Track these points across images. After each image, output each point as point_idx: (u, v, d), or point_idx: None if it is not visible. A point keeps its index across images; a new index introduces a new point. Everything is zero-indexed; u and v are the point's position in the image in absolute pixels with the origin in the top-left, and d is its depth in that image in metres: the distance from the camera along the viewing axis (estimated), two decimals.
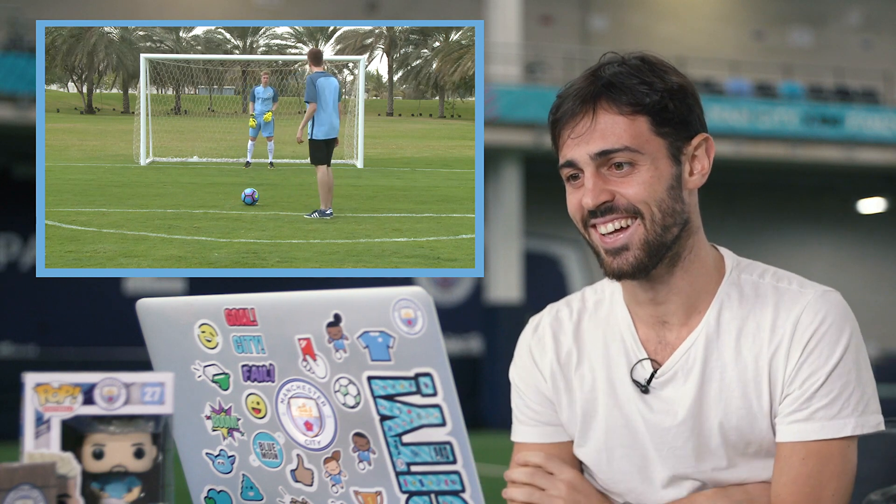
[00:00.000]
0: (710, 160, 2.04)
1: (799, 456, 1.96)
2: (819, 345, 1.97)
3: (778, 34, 27.37)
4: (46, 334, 21.61)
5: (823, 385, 1.96)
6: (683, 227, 2.01)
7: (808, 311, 1.98)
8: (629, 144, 1.96)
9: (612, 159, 1.96)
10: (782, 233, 26.67)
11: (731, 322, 2.02)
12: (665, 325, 2.05)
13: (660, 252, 1.99)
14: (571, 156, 1.99)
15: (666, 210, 1.98)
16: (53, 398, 1.49)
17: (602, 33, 26.10)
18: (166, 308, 1.70)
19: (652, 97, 1.97)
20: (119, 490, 1.49)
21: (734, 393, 2.00)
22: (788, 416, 1.98)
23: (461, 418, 1.49)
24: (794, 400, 1.97)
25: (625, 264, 1.98)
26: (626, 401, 2.06)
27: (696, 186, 2.03)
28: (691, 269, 2.03)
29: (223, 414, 1.70)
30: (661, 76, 1.99)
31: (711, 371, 2.01)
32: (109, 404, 1.49)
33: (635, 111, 1.96)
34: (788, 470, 1.97)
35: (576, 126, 1.98)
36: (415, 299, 1.46)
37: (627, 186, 1.97)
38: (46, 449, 1.49)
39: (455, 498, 1.52)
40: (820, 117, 22.77)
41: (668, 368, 2.03)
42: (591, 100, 1.98)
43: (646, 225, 1.97)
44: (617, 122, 1.96)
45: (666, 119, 1.98)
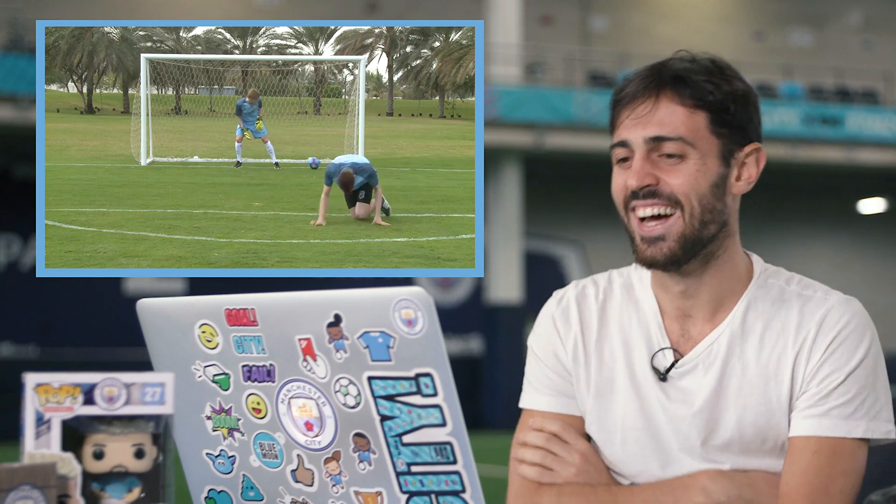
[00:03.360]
0: (758, 170, 2.06)
1: (811, 449, 1.98)
2: (841, 346, 2.00)
3: (778, 35, 27.38)
4: (47, 335, 21.60)
5: (842, 384, 1.98)
6: (721, 227, 2.03)
7: (833, 314, 2.02)
8: (684, 135, 1.99)
9: (665, 147, 1.99)
10: (782, 233, 26.66)
11: (756, 321, 2.05)
12: (689, 318, 2.07)
13: (695, 248, 2.01)
14: (626, 136, 2.02)
15: (706, 206, 2.00)
16: (54, 398, 1.49)
17: (602, 33, 26.10)
18: (166, 308, 1.70)
19: (716, 96, 2.00)
20: (119, 490, 1.49)
21: (755, 389, 2.02)
22: (804, 412, 2.00)
23: (461, 418, 1.49)
24: (812, 396, 2.00)
25: (658, 254, 2.01)
26: (643, 386, 2.07)
27: (740, 192, 2.06)
28: (723, 268, 2.06)
29: (223, 414, 1.70)
30: (728, 79, 2.03)
31: (733, 366, 2.03)
32: (110, 404, 1.49)
33: (697, 106, 2.00)
34: (799, 461, 1.98)
35: (636, 108, 2.01)
36: (415, 299, 1.46)
37: (673, 176, 1.99)
38: (47, 449, 1.49)
39: (455, 498, 1.52)
40: (820, 118, 22.77)
41: (690, 360, 2.05)
42: (656, 87, 2.01)
43: (685, 218, 2.00)
44: (677, 112, 1.99)
45: (725, 120, 2.01)
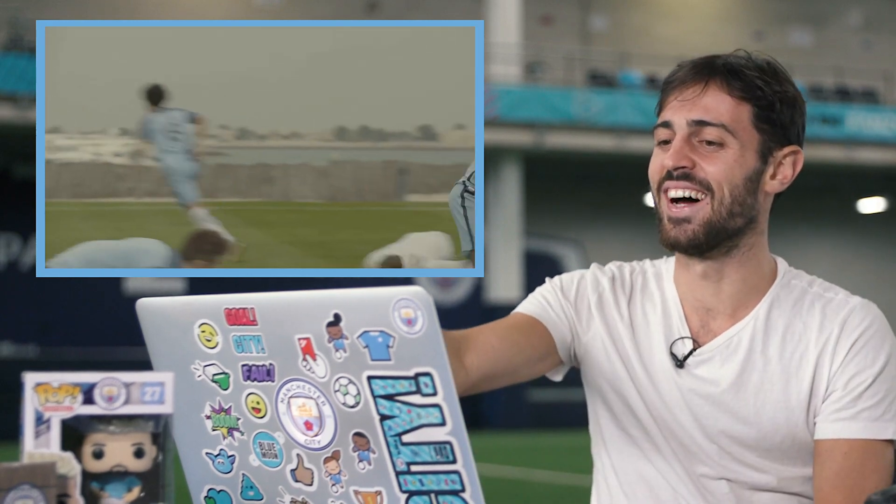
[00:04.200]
0: (794, 172, 2.09)
1: (841, 451, 1.99)
2: (865, 347, 2.02)
3: (778, 34, 27.38)
4: (47, 334, 21.60)
5: (871, 386, 1.99)
6: (749, 223, 2.05)
7: (856, 315, 2.04)
8: (727, 123, 2.01)
9: (706, 133, 2.01)
10: (782, 233, 26.65)
11: (778, 320, 2.06)
12: (710, 311, 2.08)
13: (719, 236, 2.03)
14: (670, 117, 2.04)
15: (737, 197, 2.02)
16: (53, 398, 1.49)
17: (602, 33, 26.11)
18: (166, 308, 1.70)
19: (764, 92, 2.03)
20: (119, 490, 1.49)
21: (776, 386, 2.03)
22: (833, 414, 2.00)
23: (461, 418, 1.49)
24: (840, 398, 2.00)
25: (682, 235, 2.02)
26: (659, 370, 2.08)
27: (773, 191, 2.08)
28: (748, 264, 2.08)
29: (223, 413, 1.70)
30: (780, 81, 2.06)
31: (755, 361, 2.04)
32: (109, 404, 1.49)
33: (743, 98, 2.02)
34: (831, 464, 1.99)
35: (685, 91, 2.03)
36: (415, 299, 1.46)
37: (710, 162, 2.01)
38: (46, 449, 1.49)
39: (455, 498, 1.52)
40: (820, 117, 22.77)
41: (708, 350, 2.06)
42: (706, 75, 2.03)
43: (713, 205, 2.01)
44: (724, 100, 2.02)
45: (769, 117, 2.03)
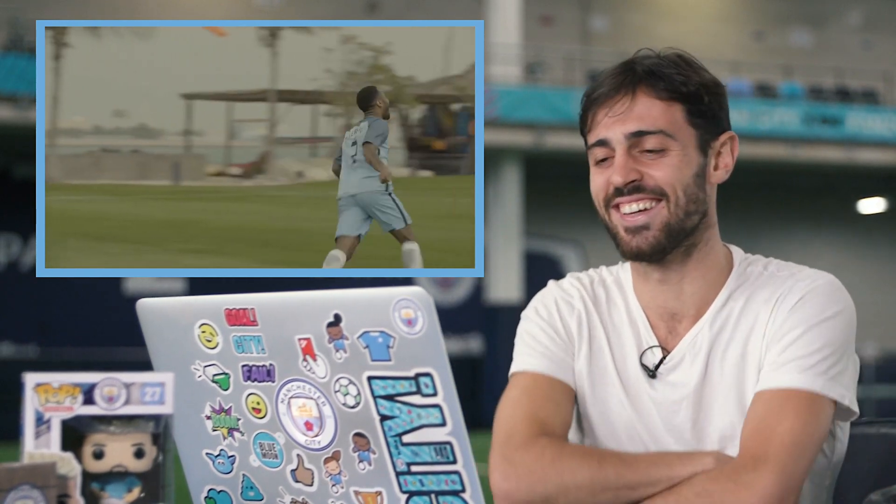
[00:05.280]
0: (733, 158, 2.09)
1: (763, 398, 1.94)
2: (807, 305, 1.99)
3: (778, 34, 27.37)
4: (46, 334, 21.60)
5: (803, 335, 1.96)
6: (702, 217, 2.04)
7: (803, 281, 2.02)
8: (664, 128, 2.00)
9: (646, 142, 2.00)
10: (782, 233, 26.66)
11: (735, 309, 2.05)
12: (675, 316, 2.07)
13: (679, 237, 2.02)
14: (605, 135, 2.02)
15: (690, 196, 2.02)
16: (53, 398, 1.49)
17: (602, 33, 26.10)
18: (166, 308, 1.70)
19: (689, 87, 2.02)
20: (119, 490, 1.49)
21: (739, 377, 2.01)
22: (766, 368, 1.97)
23: (461, 418, 1.49)
24: (775, 354, 1.97)
25: (644, 243, 2.01)
26: (634, 382, 2.07)
27: (718, 181, 2.08)
28: (705, 260, 2.06)
29: (223, 414, 1.70)
30: (697, 71, 2.06)
31: (715, 354, 2.03)
32: (109, 404, 1.49)
33: (672, 98, 2.02)
34: (752, 413, 1.94)
35: (614, 105, 2.02)
36: (415, 299, 1.46)
37: (656, 169, 2.00)
38: (46, 449, 1.49)
39: (455, 498, 1.52)
40: (820, 117, 22.76)
41: (677, 354, 2.05)
42: (631, 83, 2.02)
43: (669, 208, 2.00)
44: (654, 105, 2.01)
45: (700, 111, 2.03)
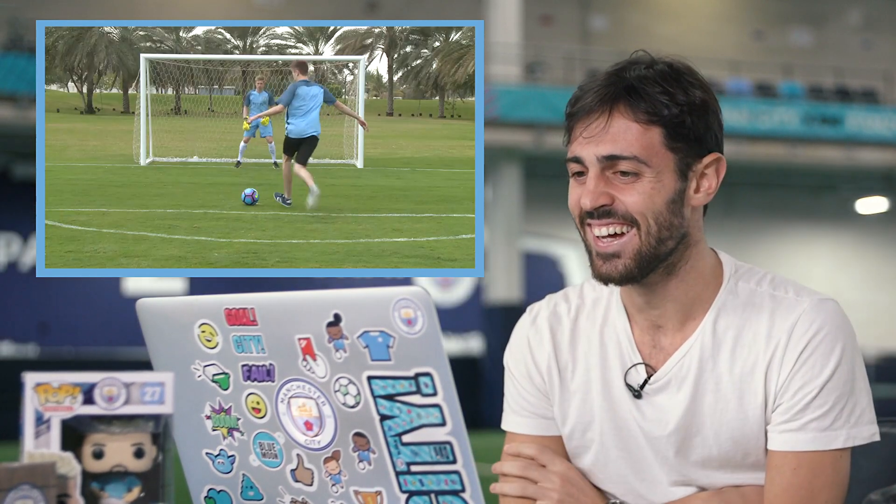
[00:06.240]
0: (718, 180, 2.02)
1: (790, 466, 1.95)
2: (813, 355, 1.95)
3: (778, 34, 27.37)
4: (46, 334, 21.60)
5: (817, 397, 1.94)
6: (680, 240, 1.98)
7: (804, 320, 1.96)
8: (638, 154, 1.93)
9: (619, 165, 1.94)
10: (782, 233, 26.66)
11: (727, 331, 2.00)
12: (659, 329, 2.04)
13: (651, 264, 1.97)
14: (580, 153, 1.97)
15: (663, 223, 1.95)
16: (53, 398, 1.49)
17: (602, 33, 26.10)
18: (166, 308, 1.70)
19: (671, 110, 1.94)
20: (119, 490, 1.49)
21: (730, 404, 1.98)
22: (780, 426, 1.96)
23: (461, 418, 1.49)
24: (787, 410, 1.95)
25: (613, 271, 1.97)
26: (620, 404, 2.05)
27: (699, 204, 2.01)
28: (687, 278, 2.01)
29: (223, 414, 1.70)
30: (686, 88, 1.96)
31: (706, 381, 1.99)
32: (109, 404, 1.49)
33: (651, 121, 1.94)
34: (780, 480, 1.96)
35: (589, 125, 1.95)
36: (415, 299, 1.46)
37: (628, 194, 1.94)
38: (46, 449, 1.49)
39: (455, 498, 1.52)
40: (820, 117, 22.77)
41: (662, 376, 2.02)
42: (609, 101, 1.95)
43: (640, 236, 1.95)
44: (630, 128, 1.93)
45: (681, 134, 1.95)
